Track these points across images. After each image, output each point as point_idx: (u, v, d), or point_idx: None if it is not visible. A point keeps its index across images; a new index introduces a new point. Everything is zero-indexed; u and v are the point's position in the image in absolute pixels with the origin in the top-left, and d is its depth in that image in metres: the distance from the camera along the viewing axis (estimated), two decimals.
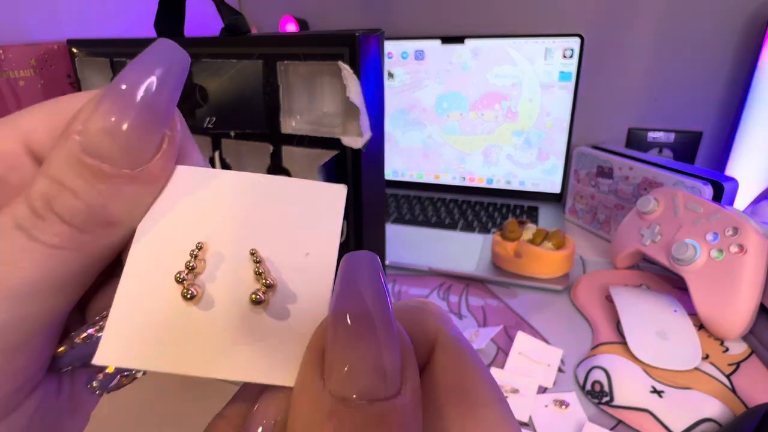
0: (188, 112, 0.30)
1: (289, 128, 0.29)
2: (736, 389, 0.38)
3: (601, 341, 0.44)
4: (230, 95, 0.29)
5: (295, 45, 0.27)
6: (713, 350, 0.42)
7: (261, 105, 0.29)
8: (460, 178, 0.80)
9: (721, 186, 0.52)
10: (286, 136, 0.29)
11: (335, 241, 0.12)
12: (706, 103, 0.71)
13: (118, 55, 0.35)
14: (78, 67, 0.39)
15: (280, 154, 0.30)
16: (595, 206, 0.67)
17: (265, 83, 0.28)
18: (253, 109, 0.29)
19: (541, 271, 0.53)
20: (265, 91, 0.28)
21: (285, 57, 0.27)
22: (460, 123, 0.76)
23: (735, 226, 0.43)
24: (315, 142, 0.29)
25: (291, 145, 0.30)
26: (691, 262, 0.44)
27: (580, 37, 0.67)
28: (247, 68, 0.28)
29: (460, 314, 0.50)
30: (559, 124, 0.71)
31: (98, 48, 0.36)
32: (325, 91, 0.29)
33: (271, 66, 0.28)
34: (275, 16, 0.84)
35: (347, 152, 0.28)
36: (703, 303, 0.44)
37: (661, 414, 0.35)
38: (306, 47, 0.27)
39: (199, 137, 0.32)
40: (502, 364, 0.42)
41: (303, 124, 0.30)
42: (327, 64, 0.27)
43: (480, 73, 0.73)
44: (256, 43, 0.28)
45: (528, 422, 0.36)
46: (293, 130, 0.29)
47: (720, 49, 0.67)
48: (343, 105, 0.29)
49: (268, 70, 0.28)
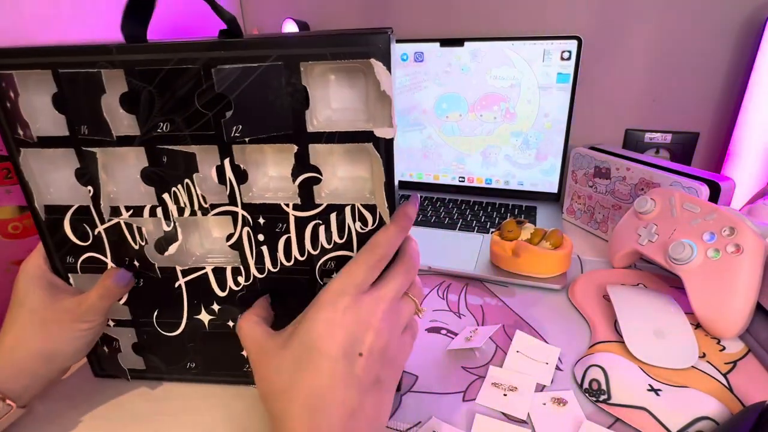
0: (214, 123, 0.30)
1: (317, 126, 0.30)
2: (732, 388, 0.38)
3: (599, 340, 0.44)
4: (254, 100, 0.29)
5: (321, 45, 0.28)
6: (710, 349, 0.42)
7: (285, 107, 0.29)
8: (459, 179, 0.80)
9: (717, 186, 0.52)
10: (314, 135, 0.30)
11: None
12: (703, 105, 0.71)
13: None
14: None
15: (307, 153, 0.30)
16: (593, 206, 0.67)
17: (288, 84, 0.29)
18: (277, 111, 0.29)
19: (539, 270, 0.54)
20: (289, 92, 0.29)
21: (310, 57, 0.28)
22: (459, 124, 0.77)
23: (731, 226, 0.43)
24: (345, 137, 0.30)
25: (320, 143, 0.30)
26: (688, 262, 0.45)
27: (578, 39, 0.67)
28: (269, 71, 0.28)
29: (459, 313, 0.50)
30: (557, 125, 0.72)
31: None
32: (347, 88, 0.30)
33: (294, 67, 0.28)
34: (276, 18, 0.85)
35: (380, 143, 0.29)
36: (700, 302, 0.44)
37: (659, 412, 0.35)
38: (333, 47, 0.27)
39: (204, 147, 0.32)
40: (500, 363, 0.42)
41: (330, 121, 0.30)
42: (350, 62, 0.28)
43: (479, 75, 0.73)
44: (279, 45, 0.28)
45: (526, 420, 0.36)
46: (321, 128, 0.30)
47: (717, 51, 0.68)
48: (369, 100, 0.30)
49: (291, 72, 0.28)
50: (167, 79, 0.29)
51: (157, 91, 0.30)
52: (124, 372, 0.41)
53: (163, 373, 0.40)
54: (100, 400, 0.40)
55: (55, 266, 0.37)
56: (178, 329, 0.38)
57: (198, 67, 0.29)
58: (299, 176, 0.31)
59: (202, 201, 0.33)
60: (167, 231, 0.35)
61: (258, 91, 0.29)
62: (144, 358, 0.40)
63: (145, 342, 0.39)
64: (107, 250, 0.36)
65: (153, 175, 0.33)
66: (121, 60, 0.29)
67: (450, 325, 0.48)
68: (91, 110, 0.31)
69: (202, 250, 0.36)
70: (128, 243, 0.35)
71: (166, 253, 0.35)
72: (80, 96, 0.31)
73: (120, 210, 0.34)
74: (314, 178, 0.32)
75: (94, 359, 0.41)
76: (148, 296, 0.37)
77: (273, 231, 0.33)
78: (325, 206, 0.32)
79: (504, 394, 0.39)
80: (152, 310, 0.38)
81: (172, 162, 0.32)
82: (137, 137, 0.32)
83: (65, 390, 0.41)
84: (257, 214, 0.33)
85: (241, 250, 0.34)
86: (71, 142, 0.32)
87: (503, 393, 0.39)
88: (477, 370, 0.42)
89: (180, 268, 0.36)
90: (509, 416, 0.37)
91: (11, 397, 0.33)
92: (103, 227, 0.35)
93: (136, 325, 0.39)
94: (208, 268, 0.36)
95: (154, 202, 0.34)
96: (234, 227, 0.34)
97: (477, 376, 0.41)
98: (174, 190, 0.33)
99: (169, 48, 0.29)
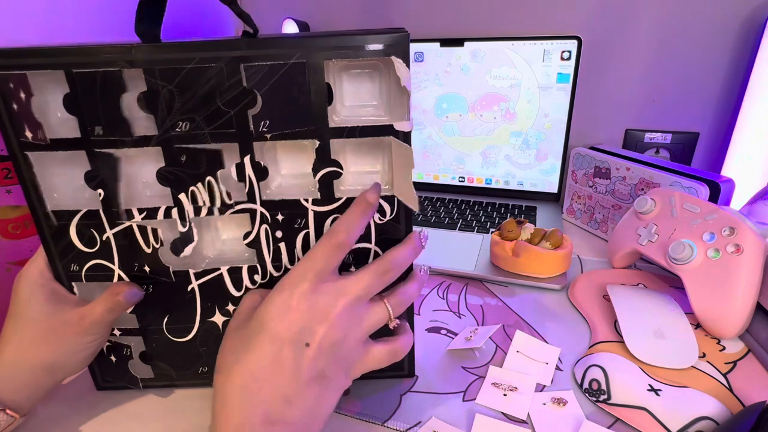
0: (241, 113, 0.31)
1: (338, 122, 0.31)
2: (732, 387, 0.38)
3: (599, 340, 0.44)
4: (280, 96, 0.30)
5: (344, 44, 0.29)
6: (710, 349, 0.42)
7: (309, 103, 0.30)
8: (459, 179, 0.80)
9: (717, 186, 0.52)
10: (335, 130, 0.31)
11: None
12: (703, 105, 0.71)
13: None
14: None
15: (328, 148, 0.32)
16: (593, 206, 0.67)
17: (312, 81, 0.30)
18: (301, 107, 0.30)
19: (539, 270, 0.54)
20: (313, 89, 0.30)
21: (333, 55, 0.29)
22: (459, 124, 0.77)
23: (731, 226, 0.43)
24: (365, 131, 0.31)
25: (341, 138, 0.31)
26: (687, 262, 0.45)
27: (578, 40, 0.67)
28: (294, 68, 0.29)
29: (459, 313, 0.50)
30: (557, 125, 0.72)
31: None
32: (367, 84, 0.31)
33: (318, 64, 0.29)
34: (276, 18, 0.85)
35: (399, 136, 0.31)
36: (700, 302, 0.44)
37: (659, 412, 0.35)
38: (356, 46, 0.29)
39: (226, 145, 0.32)
40: (500, 363, 0.42)
41: (351, 116, 0.32)
42: (371, 59, 0.30)
43: (479, 75, 0.73)
44: (302, 44, 0.29)
45: (526, 420, 0.36)
46: (342, 123, 0.31)
47: (716, 51, 0.68)
48: (388, 95, 0.31)
49: (314, 69, 0.30)
50: (188, 77, 0.29)
51: (177, 90, 0.30)
52: (136, 380, 0.39)
53: (174, 380, 0.39)
54: (104, 406, 0.39)
55: (57, 274, 0.35)
56: (190, 334, 0.37)
57: (221, 66, 0.29)
58: (320, 171, 0.32)
59: (226, 198, 0.33)
60: (183, 232, 0.34)
61: (284, 88, 0.30)
62: (152, 366, 0.39)
63: (153, 350, 0.38)
64: (115, 257, 0.35)
65: (170, 175, 0.32)
66: (141, 59, 0.29)
67: (450, 325, 0.48)
68: (109, 110, 0.31)
69: (216, 252, 0.36)
70: (139, 247, 0.34)
71: (182, 255, 0.35)
72: (96, 96, 0.30)
73: (132, 213, 0.33)
74: (335, 173, 0.32)
75: (98, 371, 0.39)
76: (159, 302, 0.36)
77: (292, 227, 0.34)
78: (344, 200, 0.33)
79: (504, 394, 0.39)
80: (162, 316, 0.37)
81: (192, 161, 0.32)
82: (154, 137, 0.31)
83: (68, 393, 0.40)
84: (276, 210, 0.33)
85: (258, 248, 0.34)
86: (83, 144, 0.32)
87: (503, 393, 0.39)
88: (477, 370, 0.42)
89: (193, 271, 0.35)
90: (509, 416, 0.37)
91: (13, 408, 0.33)
92: (113, 232, 0.34)
93: (144, 333, 0.38)
94: (223, 268, 0.35)
95: (169, 203, 0.33)
96: (252, 225, 0.34)
97: (477, 376, 0.41)
98: (192, 189, 0.33)
99: (190, 47, 0.29)
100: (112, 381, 0.40)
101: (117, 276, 0.35)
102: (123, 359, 0.39)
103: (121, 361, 0.39)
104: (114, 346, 0.38)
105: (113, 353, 0.39)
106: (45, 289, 0.34)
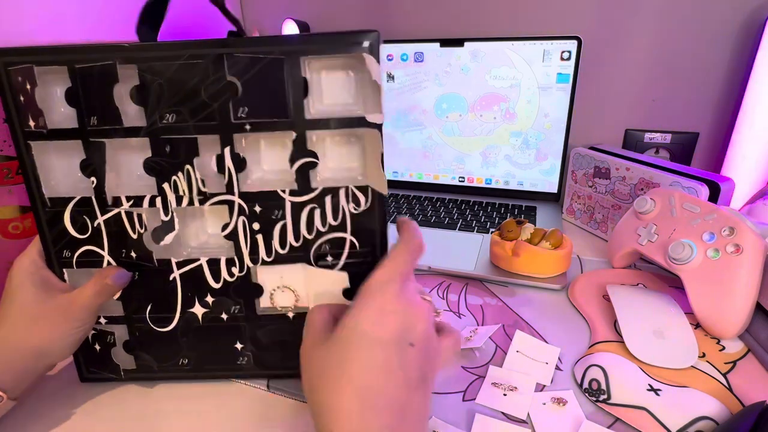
0: (223, 106, 0.33)
1: (314, 114, 0.33)
2: (732, 387, 0.38)
3: (599, 340, 0.44)
4: (259, 87, 0.32)
5: (319, 43, 0.31)
6: (710, 349, 0.42)
7: (286, 95, 0.32)
8: (459, 179, 0.81)
9: (717, 186, 0.53)
10: (311, 121, 0.33)
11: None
12: (703, 105, 0.71)
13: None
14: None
15: (305, 139, 0.33)
16: (593, 206, 0.67)
17: (289, 75, 0.32)
18: (279, 99, 0.32)
19: (539, 270, 0.54)
20: (290, 82, 0.32)
21: (309, 52, 0.31)
22: (459, 124, 0.77)
23: (731, 226, 0.43)
24: (340, 122, 0.33)
25: (316, 129, 0.33)
26: (687, 262, 0.45)
27: (578, 40, 0.67)
28: (273, 63, 0.32)
29: (459, 313, 0.50)
30: (557, 125, 0.72)
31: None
32: (342, 80, 0.33)
33: (295, 61, 0.32)
34: (276, 18, 0.85)
35: (371, 127, 0.32)
36: (700, 302, 0.44)
37: (658, 412, 0.35)
38: (330, 44, 0.31)
39: (206, 137, 0.34)
40: (500, 363, 0.42)
41: (326, 109, 0.33)
42: (345, 56, 0.31)
43: (479, 75, 0.73)
44: (281, 42, 0.32)
45: (526, 420, 0.36)
46: (318, 115, 0.33)
47: (716, 51, 0.68)
48: (361, 89, 0.33)
49: (292, 64, 0.32)
50: (178, 72, 0.32)
51: (167, 84, 0.32)
52: (117, 369, 0.40)
53: (155, 372, 0.40)
54: (89, 396, 0.40)
55: (50, 261, 0.37)
56: (171, 324, 0.38)
57: (207, 61, 0.32)
58: (297, 161, 0.34)
59: (201, 185, 0.35)
60: (165, 221, 0.36)
61: (263, 79, 0.32)
62: (135, 356, 0.40)
63: (136, 339, 0.39)
64: (105, 243, 0.36)
65: (155, 164, 0.35)
66: (137, 56, 0.32)
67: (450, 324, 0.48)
68: (103, 99, 0.33)
69: (198, 242, 0.37)
70: (127, 233, 0.36)
71: (162, 243, 0.36)
72: (93, 87, 0.33)
73: (121, 200, 0.35)
74: (311, 163, 0.34)
75: (82, 361, 0.40)
76: (143, 290, 0.38)
77: (269, 218, 0.35)
78: (320, 190, 0.34)
79: (504, 393, 0.39)
80: (146, 304, 0.38)
81: (175, 150, 0.34)
82: (143, 128, 0.34)
83: (56, 384, 0.41)
84: (253, 202, 0.35)
85: (235, 240, 0.36)
86: (79, 134, 0.34)
87: (503, 393, 0.39)
88: (477, 370, 0.42)
89: (175, 260, 0.37)
90: (509, 416, 0.37)
91: (2, 388, 0.33)
92: (104, 218, 0.36)
93: (129, 321, 0.39)
94: (203, 259, 0.37)
95: (153, 192, 0.35)
96: (230, 217, 0.35)
97: (477, 376, 0.41)
98: (174, 179, 0.35)
99: (181, 45, 0.32)
100: (96, 372, 0.41)
101: (106, 262, 0.37)
102: (107, 347, 0.40)
103: (105, 350, 0.40)
104: (99, 334, 0.39)
105: (98, 341, 0.40)
106: (35, 277, 0.36)
